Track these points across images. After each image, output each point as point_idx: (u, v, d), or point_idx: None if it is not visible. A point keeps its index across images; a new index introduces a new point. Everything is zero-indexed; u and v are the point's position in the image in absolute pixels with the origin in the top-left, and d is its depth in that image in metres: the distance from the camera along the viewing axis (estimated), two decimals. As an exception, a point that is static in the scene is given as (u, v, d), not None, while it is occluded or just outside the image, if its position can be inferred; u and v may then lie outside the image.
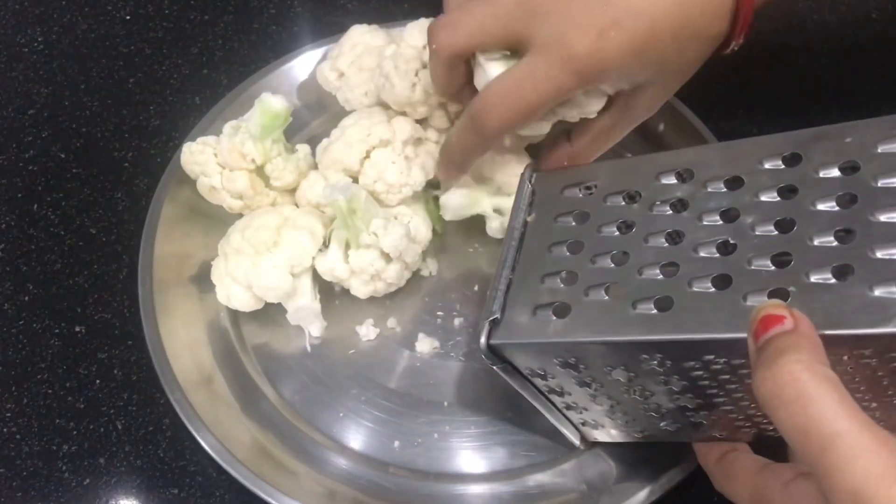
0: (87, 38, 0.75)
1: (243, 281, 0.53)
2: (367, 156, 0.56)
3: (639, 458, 0.49)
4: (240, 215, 0.58)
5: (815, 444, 0.28)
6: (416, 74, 0.55)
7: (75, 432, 0.52)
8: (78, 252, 0.61)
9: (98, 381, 0.55)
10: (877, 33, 0.75)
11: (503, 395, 0.53)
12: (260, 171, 0.57)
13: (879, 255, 0.33)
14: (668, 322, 0.36)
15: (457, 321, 0.57)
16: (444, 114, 0.59)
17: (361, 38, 0.62)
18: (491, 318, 0.41)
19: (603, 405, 0.44)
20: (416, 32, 0.55)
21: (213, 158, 0.57)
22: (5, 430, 0.52)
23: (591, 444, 0.51)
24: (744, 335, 0.32)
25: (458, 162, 0.52)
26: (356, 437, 0.52)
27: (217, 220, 0.59)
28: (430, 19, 0.56)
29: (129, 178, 0.65)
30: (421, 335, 0.56)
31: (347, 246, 0.54)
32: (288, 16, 0.77)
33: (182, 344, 0.54)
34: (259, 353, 0.56)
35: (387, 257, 0.54)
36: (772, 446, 0.42)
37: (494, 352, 0.42)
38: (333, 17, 0.76)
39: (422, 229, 0.56)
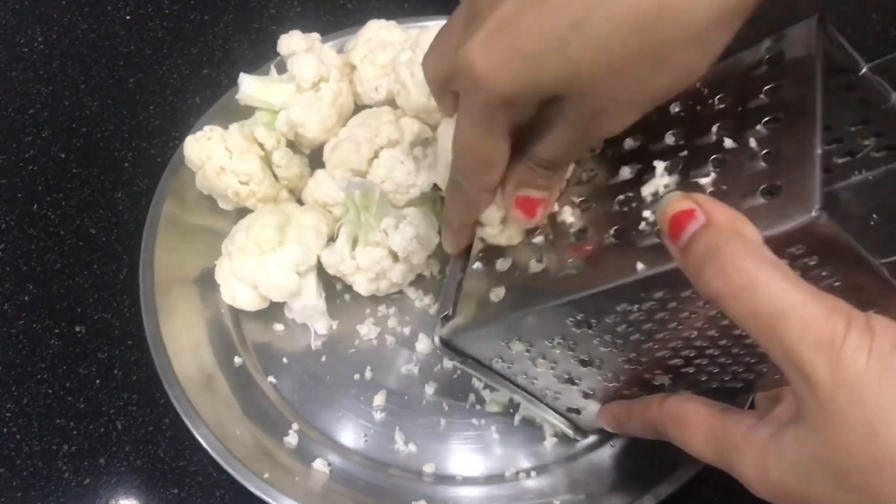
0: (87, 38, 0.75)
1: (248, 280, 0.53)
2: (376, 155, 0.56)
3: (637, 463, 0.49)
4: (240, 213, 0.58)
5: (768, 325, 0.28)
6: None
7: (75, 432, 0.52)
8: (78, 252, 0.61)
9: (98, 381, 0.55)
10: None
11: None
12: (267, 161, 0.58)
13: None
14: (579, 283, 0.37)
15: (457, 322, 0.57)
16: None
17: (377, 32, 0.62)
18: (443, 315, 0.43)
19: (569, 384, 0.45)
20: (432, 38, 0.55)
21: (220, 144, 0.56)
22: (5, 430, 0.52)
23: (588, 435, 0.50)
24: (637, 277, 0.33)
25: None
26: (355, 437, 0.52)
27: (218, 219, 0.60)
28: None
29: (129, 178, 0.65)
30: (421, 336, 0.56)
31: (355, 241, 0.54)
32: (288, 16, 0.77)
33: (183, 343, 0.54)
34: (259, 352, 0.56)
35: (394, 256, 0.54)
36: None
37: (451, 347, 0.44)
38: (333, 17, 0.76)
39: (431, 232, 0.56)
